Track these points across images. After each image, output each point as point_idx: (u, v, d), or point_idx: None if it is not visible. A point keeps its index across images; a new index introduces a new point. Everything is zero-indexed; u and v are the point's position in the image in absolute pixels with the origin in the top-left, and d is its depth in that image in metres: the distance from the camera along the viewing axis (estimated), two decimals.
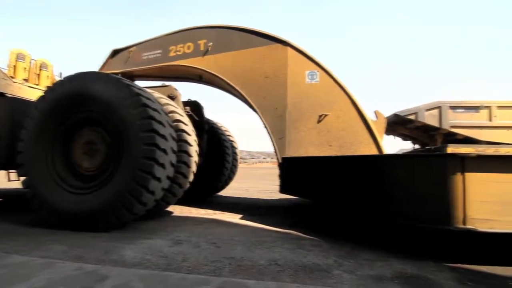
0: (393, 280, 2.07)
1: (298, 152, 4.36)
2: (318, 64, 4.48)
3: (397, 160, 2.90)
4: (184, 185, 4.12)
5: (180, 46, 5.18)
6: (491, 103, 10.13)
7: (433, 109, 10.34)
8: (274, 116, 4.53)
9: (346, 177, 3.26)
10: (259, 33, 4.78)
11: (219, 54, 4.90)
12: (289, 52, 4.58)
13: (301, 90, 4.49)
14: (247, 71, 4.75)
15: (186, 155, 4.02)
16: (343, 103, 4.38)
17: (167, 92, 4.65)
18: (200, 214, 4.53)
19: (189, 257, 2.46)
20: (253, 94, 4.67)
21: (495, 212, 2.21)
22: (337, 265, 2.35)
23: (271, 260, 2.43)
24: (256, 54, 4.73)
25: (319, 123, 4.42)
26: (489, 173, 2.22)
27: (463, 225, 2.23)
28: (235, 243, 2.91)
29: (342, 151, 4.29)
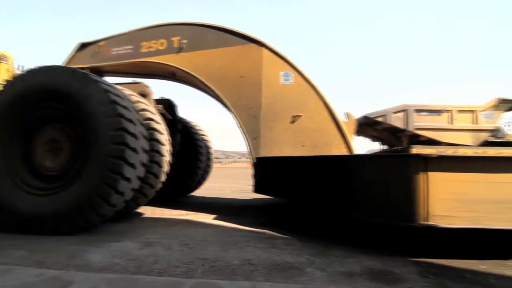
0: (362, 275, 2.15)
1: (272, 152, 4.40)
2: (292, 65, 4.55)
3: (366, 160, 3.02)
4: (156, 186, 4.01)
5: (152, 42, 5.03)
6: (452, 107, 10.84)
7: (400, 112, 10.88)
8: (249, 116, 4.54)
9: (318, 177, 3.34)
10: (235, 32, 4.77)
11: (194, 52, 4.83)
12: (264, 52, 4.61)
13: (276, 91, 4.54)
14: (222, 70, 4.71)
15: (158, 155, 3.91)
16: (315, 105, 4.48)
17: (138, 89, 4.50)
18: (172, 215, 4.43)
19: (161, 259, 2.40)
20: (228, 93, 4.65)
21: (454, 209, 2.36)
22: (309, 262, 2.39)
23: (244, 259, 2.43)
24: (232, 53, 4.71)
25: (292, 124, 4.49)
26: (449, 173, 2.38)
27: (425, 221, 2.36)
28: (208, 243, 2.88)
29: (315, 151, 4.38)
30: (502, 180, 2.39)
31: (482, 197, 2.37)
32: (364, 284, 2.00)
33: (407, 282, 2.05)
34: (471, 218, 2.36)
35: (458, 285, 2.01)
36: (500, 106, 11.20)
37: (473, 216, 2.36)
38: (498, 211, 2.37)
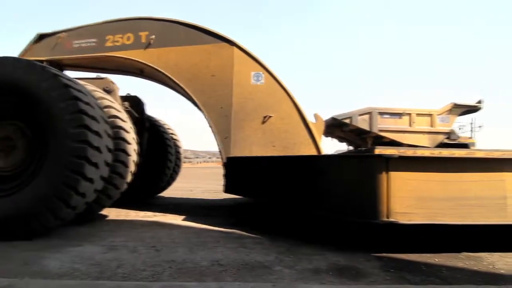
0: (328, 272, 2.22)
1: (243, 152, 4.40)
2: (263, 66, 4.59)
3: (333, 160, 3.13)
4: (121, 186, 3.84)
5: (118, 36, 4.82)
6: (412, 111, 11.58)
7: (365, 114, 11.42)
8: (220, 115, 4.50)
9: (288, 177, 3.39)
10: (206, 30, 4.70)
11: (163, 48, 4.69)
12: (235, 52, 4.60)
13: (247, 91, 4.55)
14: (193, 68, 4.63)
15: (124, 154, 3.75)
16: (286, 105, 4.56)
17: (103, 85, 4.29)
18: (139, 216, 4.27)
19: (125, 263, 2.31)
20: (199, 92, 4.58)
21: (412, 206, 2.52)
22: (278, 261, 2.43)
23: (213, 260, 2.41)
24: (202, 51, 4.64)
25: (263, 124, 4.52)
26: (408, 172, 2.53)
27: (387, 218, 2.50)
28: (177, 245, 2.82)
29: (285, 152, 4.46)
30: (454, 179, 2.59)
31: (437, 195, 2.55)
32: (330, 280, 2.07)
33: (370, 276, 2.15)
34: (428, 214, 2.53)
35: (415, 277, 2.14)
36: (454, 110, 12.14)
37: (429, 213, 2.54)
38: (451, 207, 2.56)
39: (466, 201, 2.56)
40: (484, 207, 2.58)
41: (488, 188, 2.59)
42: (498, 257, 2.63)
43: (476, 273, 2.27)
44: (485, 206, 2.58)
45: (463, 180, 2.58)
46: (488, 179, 2.60)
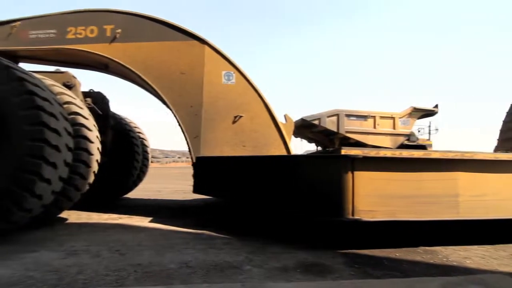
0: (296, 269, 2.26)
1: (213, 151, 4.35)
2: (234, 65, 4.57)
3: (302, 160, 3.19)
4: (82, 187, 3.63)
5: (81, 28, 4.55)
6: (376, 114, 12.19)
7: (333, 116, 11.83)
8: (189, 114, 4.41)
9: (258, 176, 3.41)
10: (176, 26, 4.58)
11: (129, 44, 4.50)
12: (206, 50, 4.54)
13: (217, 90, 4.50)
14: (162, 65, 4.49)
15: (86, 153, 3.55)
16: (256, 106, 4.58)
17: (63, 80, 4.02)
18: (102, 219, 4.06)
19: (86, 269, 2.18)
20: (168, 90, 4.45)
21: (375, 204, 2.65)
22: (247, 260, 2.43)
23: (182, 262, 2.35)
24: (172, 48, 4.52)
25: (234, 124, 4.50)
26: (372, 172, 2.65)
27: (352, 216, 2.60)
28: (143, 248, 2.72)
29: (255, 152, 4.47)
30: (413, 178, 2.76)
31: (398, 193, 2.70)
32: (297, 277, 2.11)
33: (336, 272, 2.23)
34: (389, 212, 2.68)
35: (378, 272, 2.25)
36: (414, 114, 12.96)
37: (390, 210, 2.68)
38: (410, 205, 2.72)
39: (423, 199, 2.74)
40: (439, 204, 2.78)
41: (442, 187, 2.79)
42: (451, 250, 2.85)
43: (432, 266, 2.44)
44: (440, 203, 2.78)
45: (421, 179, 2.76)
46: (442, 178, 2.80)
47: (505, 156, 3.06)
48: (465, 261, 2.56)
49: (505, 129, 11.27)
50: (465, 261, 2.55)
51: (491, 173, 2.90)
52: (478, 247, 2.95)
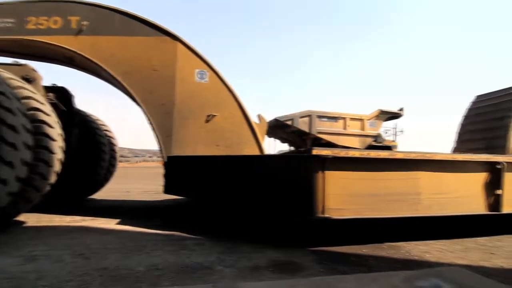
0: (267, 268, 2.28)
1: (185, 151, 4.27)
2: (208, 64, 4.52)
3: (274, 160, 3.23)
4: (42, 188, 3.40)
5: (43, 18, 4.26)
6: (346, 115, 12.63)
7: (305, 116, 12.10)
8: (161, 112, 4.30)
9: (230, 176, 3.40)
10: (147, 21, 4.44)
11: (97, 37, 4.29)
12: (179, 47, 4.44)
13: (190, 88, 4.42)
14: (131, 61, 4.33)
15: (46, 152, 3.33)
16: (230, 105, 4.56)
17: (22, 73, 3.75)
18: (64, 222, 3.84)
19: (47, 275, 2.05)
20: (138, 87, 4.30)
21: (344, 203, 2.74)
22: (219, 261, 2.42)
23: (150, 265, 2.28)
24: (143, 44, 4.37)
25: (207, 123, 4.45)
26: (341, 171, 2.74)
27: (322, 214, 2.67)
28: (109, 251, 2.61)
29: (229, 151, 4.46)
30: (379, 177, 2.89)
31: (365, 192, 2.82)
32: (268, 276, 2.13)
33: (306, 270, 2.28)
34: (357, 209, 2.78)
35: (346, 268, 2.33)
36: (381, 116, 13.57)
37: (358, 208, 2.79)
38: (376, 203, 2.85)
39: (388, 197, 2.88)
40: (403, 202, 2.93)
41: (406, 185, 2.95)
42: (413, 245, 3.02)
43: (396, 261, 2.57)
44: (403, 201, 2.94)
45: (386, 178, 2.90)
46: (406, 177, 2.96)
47: (461, 156, 3.30)
48: (425, 255, 2.72)
49: (462, 131, 12.13)
50: (425, 255, 2.71)
51: (449, 172, 3.11)
52: (436, 242, 3.15)
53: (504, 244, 3.13)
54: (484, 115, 10.79)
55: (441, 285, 1.71)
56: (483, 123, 10.70)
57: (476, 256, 2.72)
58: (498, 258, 2.68)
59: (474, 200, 3.19)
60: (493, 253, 2.83)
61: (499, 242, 3.20)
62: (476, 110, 11.26)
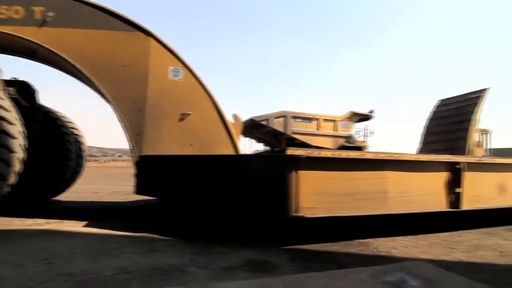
0: (241, 268, 2.28)
1: (157, 150, 4.16)
2: (182, 61, 4.43)
3: (249, 160, 3.23)
4: (1, 189, 3.17)
5: (3, 8, 3.97)
6: (319, 116, 12.94)
7: (280, 117, 12.25)
8: (132, 110, 4.15)
9: (205, 176, 3.36)
10: (117, 15, 4.26)
11: (63, 29, 4.05)
12: (152, 43, 4.31)
13: (164, 86, 4.31)
14: (100, 55, 4.14)
15: (6, 150, 3.11)
16: (205, 104, 4.50)
17: None
18: (25, 225, 3.60)
19: (5, 282, 1.91)
20: (107, 83, 4.11)
21: (316, 201, 2.80)
22: (192, 262, 2.38)
23: (119, 268, 2.20)
24: (113, 38, 4.19)
25: (181, 122, 4.36)
26: (314, 171, 2.80)
27: (295, 213, 2.71)
28: (75, 255, 2.48)
29: (203, 151, 4.40)
30: (350, 176, 2.99)
31: (336, 191, 2.90)
32: (242, 276, 2.12)
33: (280, 268, 2.30)
34: (328, 208, 2.86)
35: (318, 265, 2.39)
36: (352, 118, 14.03)
37: (329, 207, 2.86)
38: (347, 201, 2.94)
39: (358, 195, 2.99)
40: (371, 200, 3.05)
41: (374, 184, 3.08)
42: (381, 241, 3.15)
43: (365, 257, 2.67)
44: (372, 200, 3.06)
45: (356, 178, 3.00)
46: (375, 177, 3.08)
47: (425, 157, 3.49)
48: (392, 250, 2.85)
49: (426, 133, 12.83)
50: (392, 251, 2.84)
51: (414, 172, 3.28)
52: (403, 238, 3.31)
53: (463, 239, 3.35)
54: (447, 118, 11.53)
55: (406, 279, 1.80)
56: (445, 126, 11.43)
57: (438, 251, 2.89)
58: (458, 252, 2.86)
59: (436, 198, 3.39)
60: (453, 247, 3.02)
61: (459, 237, 3.42)
62: (439, 114, 12.00)
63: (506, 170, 3.88)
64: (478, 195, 3.60)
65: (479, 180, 3.61)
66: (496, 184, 3.78)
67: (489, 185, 3.73)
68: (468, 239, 3.36)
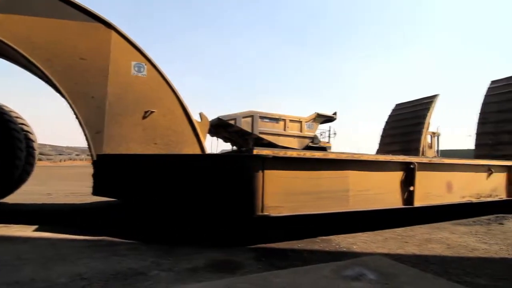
0: (206, 268, 2.25)
1: (118, 149, 3.95)
2: (146, 56, 4.25)
3: (215, 160, 3.20)
4: None
5: None
6: (286, 117, 13.20)
7: (248, 117, 12.30)
8: (90, 106, 3.89)
9: (169, 176, 3.26)
10: (75, 4, 3.97)
11: (9, 15, 3.68)
12: (113, 36, 4.08)
13: (126, 81, 4.11)
14: (53, 46, 3.82)
15: None
16: (170, 101, 4.37)
17: None
18: None
19: None
20: (62, 76, 3.81)
21: (282, 200, 2.85)
22: (155, 265, 2.30)
23: (75, 275, 2.06)
24: (68, 28, 3.89)
25: (144, 119, 4.19)
26: (280, 171, 2.85)
27: (261, 212, 2.73)
28: (23, 262, 2.27)
29: (168, 150, 4.26)
30: (314, 176, 3.08)
31: (301, 190, 2.97)
32: (207, 277, 2.10)
33: (245, 267, 2.31)
34: (293, 207, 2.92)
35: (283, 263, 2.43)
36: (317, 119, 14.48)
37: (294, 206, 2.92)
38: (311, 200, 3.03)
39: (322, 194, 3.09)
40: (334, 198, 3.17)
41: (337, 183, 3.20)
42: (342, 238, 3.29)
43: (327, 253, 2.77)
44: (334, 198, 3.18)
45: (320, 177, 3.10)
46: (337, 176, 3.20)
47: (382, 157, 3.70)
48: (352, 246, 2.99)
49: (384, 135, 13.61)
50: (352, 247, 2.98)
51: (372, 171, 3.46)
52: (362, 234, 3.49)
53: (415, 234, 3.61)
54: (402, 121, 12.35)
55: (364, 273, 1.89)
56: (401, 128, 12.24)
57: (393, 245, 3.08)
58: (410, 246, 3.08)
59: (393, 195, 3.61)
60: (407, 241, 3.24)
61: (412, 232, 3.68)
62: (396, 117, 12.82)
63: (453, 169, 4.24)
64: (428, 193, 3.89)
65: (429, 179, 3.91)
66: (444, 183, 4.12)
67: (438, 184, 4.06)
68: (419, 234, 3.62)
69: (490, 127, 8.18)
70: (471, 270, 2.38)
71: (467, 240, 3.35)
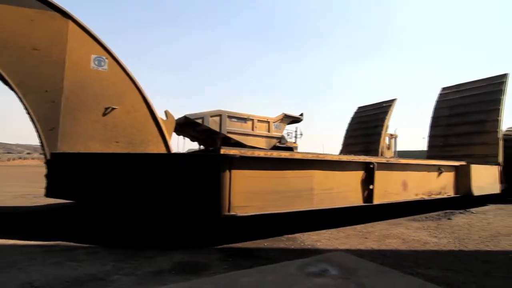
0: (171, 271, 2.19)
1: (75, 147, 3.70)
2: (108, 50, 4.03)
3: (181, 159, 3.13)
4: None
5: None
6: (254, 117, 13.26)
7: (216, 116, 12.17)
8: (44, 100, 3.60)
9: (131, 176, 3.13)
10: None
11: None
12: (70, 27, 3.81)
13: (84, 75, 3.86)
14: (4, 34, 3.49)
15: None
16: (134, 98, 4.18)
17: None
18: None
19: None
20: (11, 67, 3.48)
21: (249, 200, 2.86)
22: (115, 270, 2.19)
23: (25, 283, 1.90)
24: (19, 15, 3.57)
25: (105, 116, 3.97)
26: (247, 170, 2.85)
27: (228, 212, 2.72)
28: None
29: (130, 148, 4.08)
30: (281, 175, 3.13)
31: (268, 189, 3.01)
32: (172, 279, 2.04)
33: (211, 268, 2.28)
34: (260, 206, 2.94)
35: (249, 262, 2.43)
36: (285, 119, 14.73)
37: (261, 205, 2.95)
38: (278, 199, 3.07)
39: (288, 193, 3.15)
40: (300, 197, 3.25)
41: (302, 182, 3.28)
42: (307, 235, 3.38)
43: (292, 251, 2.83)
44: (300, 197, 3.25)
45: (286, 177, 3.16)
46: (302, 175, 3.29)
47: (345, 157, 3.88)
48: (316, 243, 3.08)
49: (347, 136, 14.23)
50: (316, 244, 3.07)
51: (336, 171, 3.60)
52: (326, 231, 3.61)
53: (374, 230, 3.81)
54: (364, 124, 13.00)
55: (328, 269, 1.96)
56: (362, 130, 12.87)
57: (354, 241, 3.23)
58: (370, 241, 3.25)
59: (354, 194, 3.79)
60: (366, 237, 3.41)
61: (371, 228, 3.89)
62: (357, 119, 13.46)
63: (408, 169, 4.55)
64: (386, 191, 4.14)
65: (387, 178, 4.16)
66: (400, 181, 4.41)
67: (395, 182, 4.33)
68: (378, 230, 3.83)
69: (441, 130, 8.90)
70: (423, 262, 2.56)
71: (420, 235, 3.61)
